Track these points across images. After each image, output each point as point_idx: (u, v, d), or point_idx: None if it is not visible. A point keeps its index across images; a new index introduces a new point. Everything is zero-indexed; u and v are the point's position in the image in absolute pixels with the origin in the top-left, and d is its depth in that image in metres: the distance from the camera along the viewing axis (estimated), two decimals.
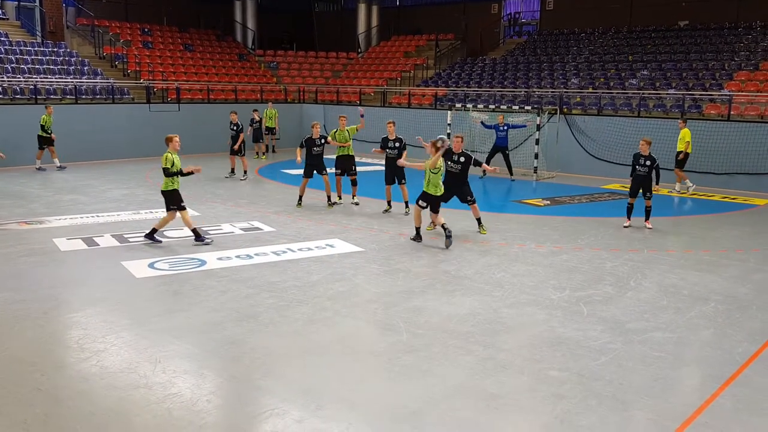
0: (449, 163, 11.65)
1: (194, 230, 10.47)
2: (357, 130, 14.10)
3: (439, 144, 10.56)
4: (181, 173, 10.37)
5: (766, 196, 16.14)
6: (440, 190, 10.81)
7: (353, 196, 14.12)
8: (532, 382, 5.77)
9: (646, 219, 12.25)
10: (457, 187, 11.60)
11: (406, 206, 13.06)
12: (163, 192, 10.55)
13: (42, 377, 5.70)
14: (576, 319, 7.37)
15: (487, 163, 18.63)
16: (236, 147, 17.51)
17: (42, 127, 17.96)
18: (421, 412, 5.22)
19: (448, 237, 10.50)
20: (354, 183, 14.07)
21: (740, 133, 17.30)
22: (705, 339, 6.89)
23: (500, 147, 18.29)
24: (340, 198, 14.21)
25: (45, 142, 18.12)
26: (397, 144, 13.33)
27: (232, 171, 17.98)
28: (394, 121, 13.45)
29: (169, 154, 10.25)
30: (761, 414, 5.29)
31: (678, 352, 6.54)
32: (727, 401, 5.50)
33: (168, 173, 10.29)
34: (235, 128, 17.61)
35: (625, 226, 12.19)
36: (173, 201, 10.46)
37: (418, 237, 10.92)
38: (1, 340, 6.55)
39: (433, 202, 10.80)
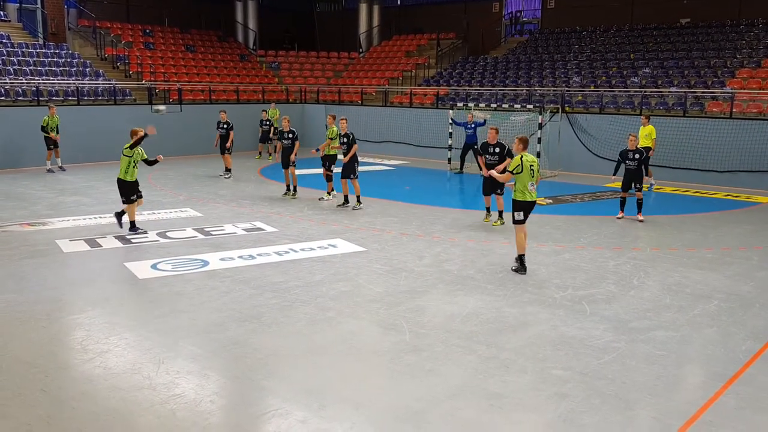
0: (486, 156, 12.05)
1: (132, 221, 11.23)
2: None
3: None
4: (147, 162, 11.35)
5: None
6: (531, 194, 9.14)
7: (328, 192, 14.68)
8: (535, 382, 5.77)
9: (639, 212, 12.68)
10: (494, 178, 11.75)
11: (500, 216, 12.24)
12: (131, 183, 11.04)
13: (46, 378, 5.71)
14: (579, 318, 7.37)
15: (462, 162, 19.07)
16: (228, 144, 17.70)
17: (43, 128, 17.99)
18: (424, 411, 5.22)
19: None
20: (329, 179, 14.66)
21: (743, 131, 17.28)
22: (708, 337, 6.89)
23: (470, 144, 18.69)
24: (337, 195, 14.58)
25: (49, 142, 18.18)
26: (497, 150, 12.08)
27: (225, 170, 18.03)
28: (497, 128, 12.48)
29: (138, 148, 10.98)
30: (765, 412, 5.28)
31: (681, 350, 6.53)
32: (730, 399, 5.49)
33: (148, 162, 11.32)
34: (225, 126, 17.81)
35: (618, 218, 12.69)
36: (136, 190, 11.16)
37: (522, 267, 9.07)
38: (4, 341, 6.56)
39: (527, 209, 9.20)
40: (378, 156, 23.59)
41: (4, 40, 22.87)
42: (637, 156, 12.53)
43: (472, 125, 18.59)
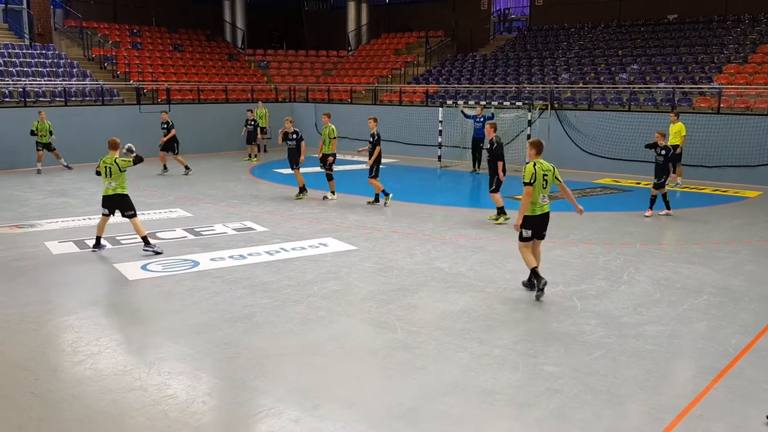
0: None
1: (99, 237, 10.11)
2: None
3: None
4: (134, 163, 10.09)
5: (757, 188, 16.22)
6: (542, 207, 7.95)
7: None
8: (527, 378, 5.79)
9: (649, 207, 12.85)
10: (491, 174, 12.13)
11: (499, 213, 12.24)
12: (123, 196, 10.00)
13: (36, 381, 5.68)
14: (570, 314, 7.39)
15: (474, 160, 18.95)
16: (161, 143, 18.14)
17: (32, 132, 17.92)
18: (417, 409, 5.23)
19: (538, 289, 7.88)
20: (330, 178, 14.68)
21: (730, 126, 17.38)
22: (698, 331, 6.93)
23: (478, 138, 18.43)
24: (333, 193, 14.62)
25: (39, 145, 18.18)
26: (663, 152, 12.44)
27: (186, 168, 18.40)
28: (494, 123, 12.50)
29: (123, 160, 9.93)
30: (755, 405, 5.32)
31: (671, 345, 6.57)
32: (720, 393, 5.53)
33: (134, 163, 10.04)
34: (165, 126, 18.21)
35: (647, 216, 12.77)
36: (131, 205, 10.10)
37: (537, 278, 7.89)
38: None
39: (537, 225, 7.97)
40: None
41: None
42: (663, 152, 12.51)
43: (481, 119, 18.41)
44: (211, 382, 5.72)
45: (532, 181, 7.71)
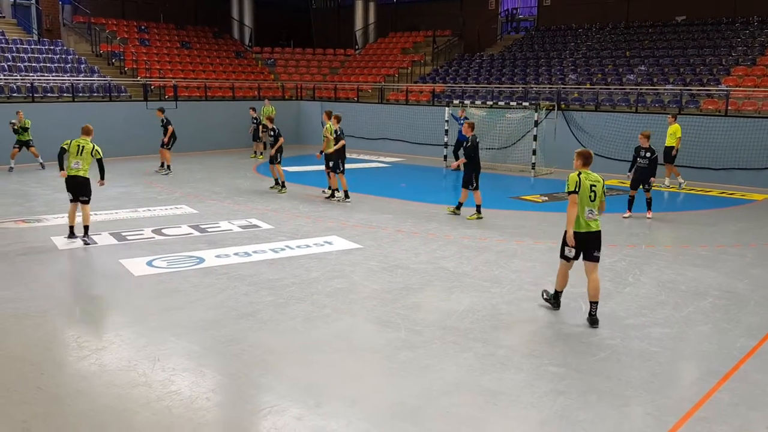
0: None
1: (72, 227, 10.33)
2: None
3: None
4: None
5: (763, 192, 16.16)
6: (587, 223, 7.09)
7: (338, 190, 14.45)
8: (531, 378, 5.78)
9: (648, 210, 12.72)
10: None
11: (477, 211, 12.40)
12: (87, 179, 10.23)
13: (42, 376, 5.70)
14: (575, 315, 7.38)
15: (456, 157, 19.11)
16: (164, 141, 17.86)
17: (14, 130, 17.75)
18: (420, 408, 5.23)
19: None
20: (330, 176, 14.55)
21: (738, 129, 17.31)
22: (703, 334, 6.91)
23: (462, 141, 18.31)
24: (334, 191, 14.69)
25: (21, 143, 17.94)
26: (648, 154, 12.40)
27: (164, 166, 18.11)
28: (472, 123, 12.48)
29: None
30: (759, 408, 5.31)
31: (676, 347, 6.56)
32: (725, 396, 5.51)
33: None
34: (162, 123, 18.03)
35: (624, 217, 12.70)
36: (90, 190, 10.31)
37: (556, 302, 7.51)
38: (0, 338, 6.54)
39: (583, 243, 7.12)
40: (373, 153, 23.58)
41: None
42: (648, 155, 12.46)
43: (462, 120, 18.58)
44: (215, 379, 5.74)
45: (576, 190, 6.97)
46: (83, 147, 10.23)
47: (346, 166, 14.16)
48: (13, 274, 8.61)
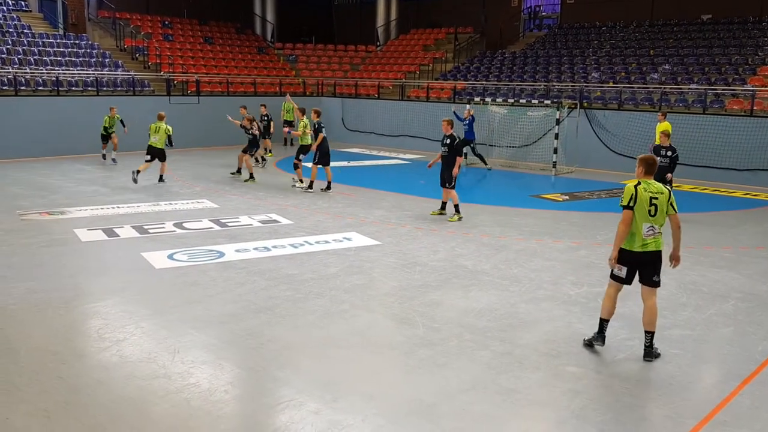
0: (443, 148, 12.20)
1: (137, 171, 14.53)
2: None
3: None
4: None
5: None
6: (644, 242, 6.12)
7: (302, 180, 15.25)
8: (548, 378, 5.76)
9: None
10: (443, 170, 12.11)
11: (456, 211, 12.10)
12: (162, 149, 14.79)
13: (63, 366, 5.79)
14: (594, 315, 7.30)
15: (480, 157, 19.14)
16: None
17: (105, 128, 18.25)
18: (437, 405, 5.23)
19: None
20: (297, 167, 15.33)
21: (763, 129, 17.06)
22: (724, 337, 6.83)
23: (467, 141, 18.60)
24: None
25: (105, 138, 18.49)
26: (448, 141, 12.19)
27: (262, 158, 19.08)
28: (450, 120, 12.42)
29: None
30: None
31: (697, 349, 6.49)
32: (746, 399, 5.45)
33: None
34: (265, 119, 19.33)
35: None
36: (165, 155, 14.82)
37: (600, 336, 6.37)
38: (23, 329, 6.65)
39: (634, 264, 6.20)
40: (394, 150, 23.57)
41: (24, 30, 23.09)
42: (669, 153, 12.35)
43: (467, 121, 18.78)
44: (233, 372, 5.79)
45: (631, 205, 6.04)
46: (159, 126, 15.09)
47: (368, 162, 14.17)
48: (36, 266, 8.74)
